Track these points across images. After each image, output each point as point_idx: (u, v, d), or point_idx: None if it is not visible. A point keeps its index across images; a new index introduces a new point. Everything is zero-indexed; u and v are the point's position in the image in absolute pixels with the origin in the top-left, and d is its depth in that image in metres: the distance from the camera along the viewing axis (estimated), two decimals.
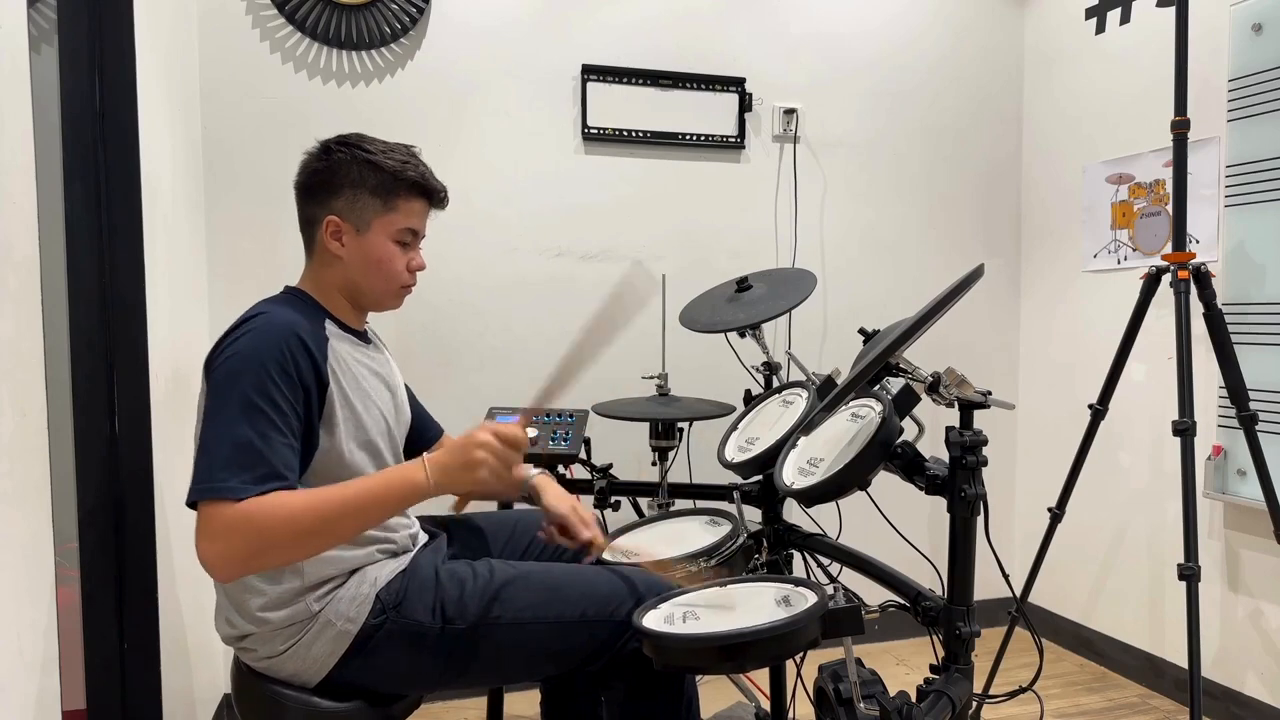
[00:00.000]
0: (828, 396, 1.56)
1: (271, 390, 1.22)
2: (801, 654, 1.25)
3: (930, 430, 1.41)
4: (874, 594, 1.38)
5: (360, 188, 1.41)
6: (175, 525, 1.91)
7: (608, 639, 1.39)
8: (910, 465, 1.34)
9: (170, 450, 1.88)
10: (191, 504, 1.18)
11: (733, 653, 1.16)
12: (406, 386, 1.66)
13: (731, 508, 1.85)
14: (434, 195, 1.48)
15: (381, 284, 1.46)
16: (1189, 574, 1.90)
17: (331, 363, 1.34)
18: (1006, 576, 1.64)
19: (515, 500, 1.61)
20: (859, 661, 1.26)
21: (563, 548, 1.70)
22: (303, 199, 1.45)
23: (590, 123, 2.72)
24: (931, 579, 1.47)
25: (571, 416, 2.07)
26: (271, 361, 1.24)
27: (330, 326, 1.40)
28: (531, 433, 1.97)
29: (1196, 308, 2.02)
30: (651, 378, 2.15)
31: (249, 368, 1.23)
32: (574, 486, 2.06)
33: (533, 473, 1.67)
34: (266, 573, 1.30)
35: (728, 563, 1.59)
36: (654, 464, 2.05)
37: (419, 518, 1.60)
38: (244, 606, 1.32)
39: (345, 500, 1.23)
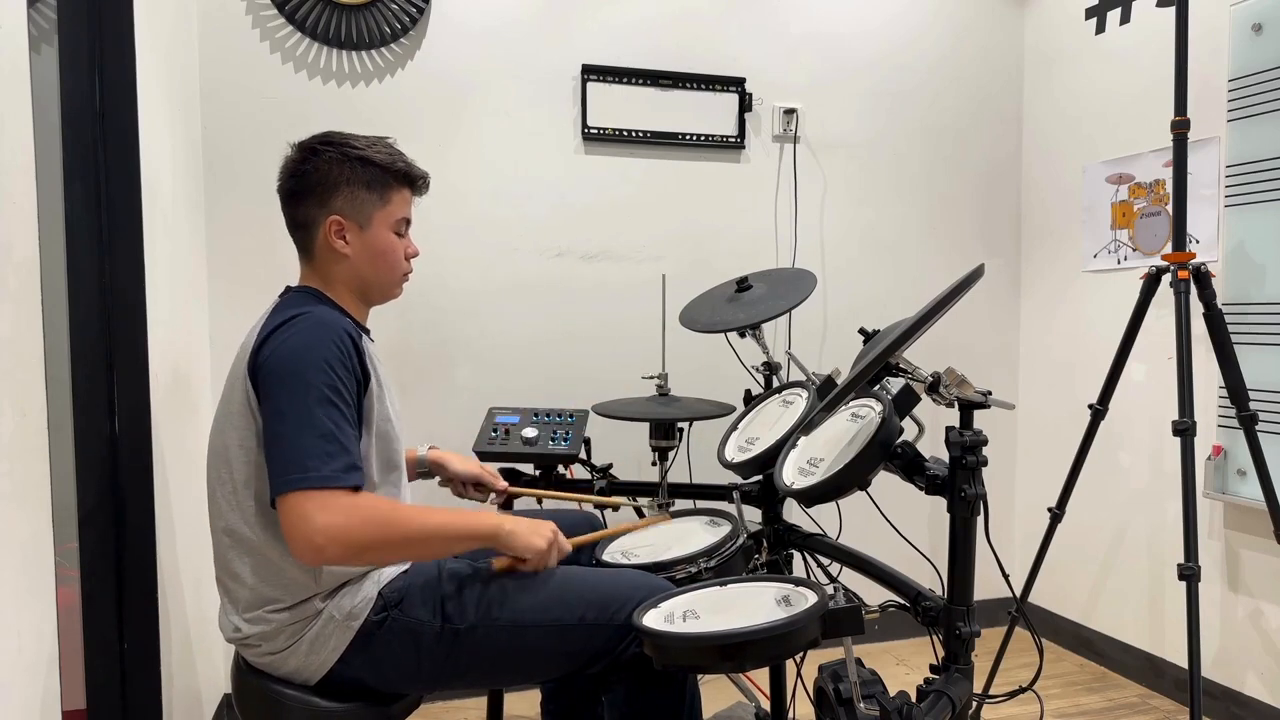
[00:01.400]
0: (828, 396, 1.56)
1: (337, 384, 1.26)
2: (801, 654, 1.25)
3: (930, 430, 1.41)
4: (874, 594, 1.38)
5: (355, 184, 1.42)
6: (175, 525, 1.91)
7: (607, 643, 1.38)
8: (910, 465, 1.34)
9: (170, 450, 1.88)
10: (286, 490, 1.20)
11: (733, 652, 1.16)
12: None
13: (731, 508, 1.85)
14: (417, 183, 1.51)
15: (388, 275, 1.49)
16: (1189, 574, 1.90)
17: (368, 359, 1.37)
18: (1006, 576, 1.64)
19: (412, 478, 1.77)
20: (859, 661, 1.26)
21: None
22: (294, 202, 1.44)
23: (590, 123, 2.72)
24: (931, 579, 1.47)
25: (572, 416, 2.07)
26: (333, 356, 1.27)
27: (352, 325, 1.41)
28: (531, 432, 1.97)
29: (1196, 308, 2.02)
30: (651, 378, 2.15)
31: (313, 362, 1.26)
32: (574, 487, 2.06)
33: (423, 450, 1.79)
34: (284, 583, 1.31)
35: (727, 562, 1.59)
36: (654, 464, 2.05)
37: None
38: (253, 609, 1.32)
39: (441, 524, 1.33)
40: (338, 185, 1.41)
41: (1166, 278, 2.07)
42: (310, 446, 1.21)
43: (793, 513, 2.09)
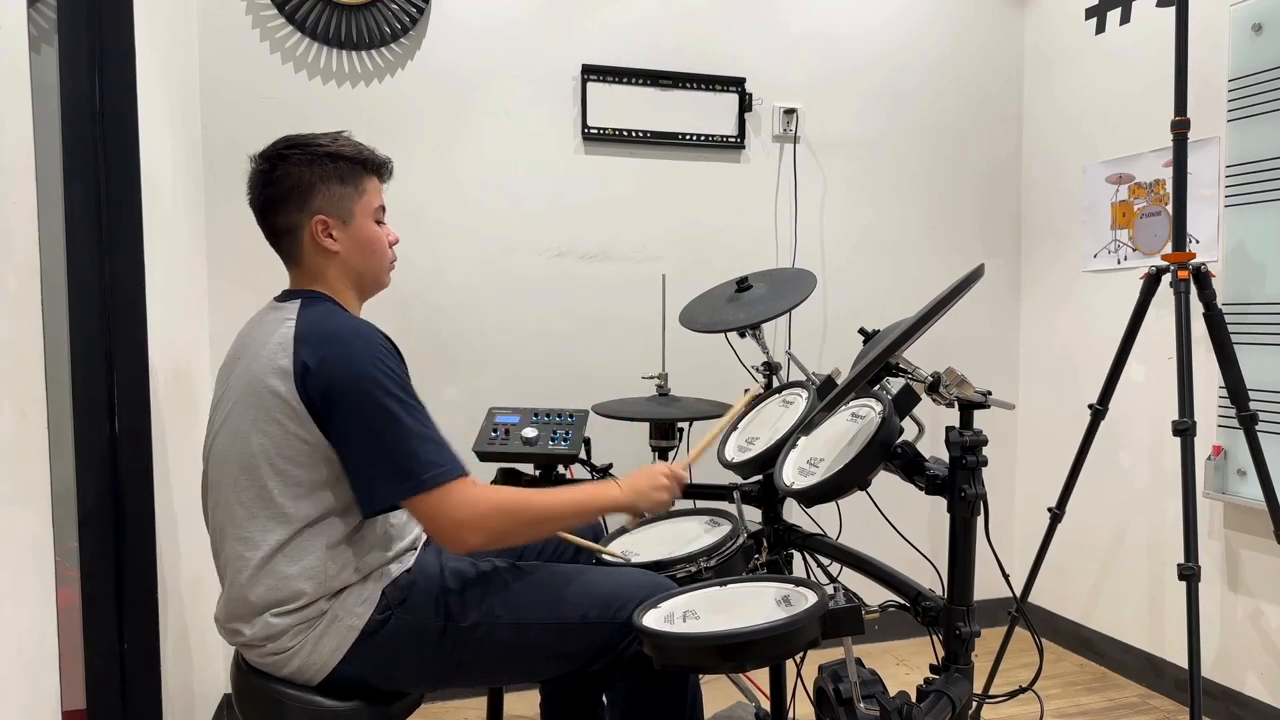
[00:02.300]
0: (828, 396, 1.56)
1: (408, 386, 1.33)
2: (801, 654, 1.25)
3: (930, 430, 1.41)
4: (874, 594, 1.38)
5: (330, 181, 1.42)
6: (175, 525, 1.91)
7: (609, 641, 1.39)
8: (910, 465, 1.34)
9: (170, 450, 1.88)
10: (411, 494, 1.28)
11: (733, 652, 1.16)
12: None
13: (731, 508, 1.85)
14: (384, 170, 1.52)
15: (378, 264, 1.51)
16: (1189, 574, 1.90)
17: None
18: (1006, 576, 1.64)
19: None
20: (859, 661, 1.26)
21: (564, 549, 1.71)
22: (272, 211, 1.43)
23: (590, 123, 2.72)
24: (931, 579, 1.47)
25: (572, 416, 2.07)
26: (394, 362, 1.34)
27: None
28: (531, 432, 1.97)
29: (1196, 308, 2.02)
30: (651, 378, 2.15)
31: (383, 372, 1.30)
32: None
33: None
34: (291, 583, 1.31)
35: (727, 562, 1.59)
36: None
37: None
38: (259, 613, 1.32)
39: (564, 501, 1.43)
40: (313, 185, 1.41)
41: (1166, 278, 2.07)
42: (419, 450, 1.28)
43: (793, 513, 2.09)
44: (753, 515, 1.86)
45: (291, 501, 1.31)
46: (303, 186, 1.41)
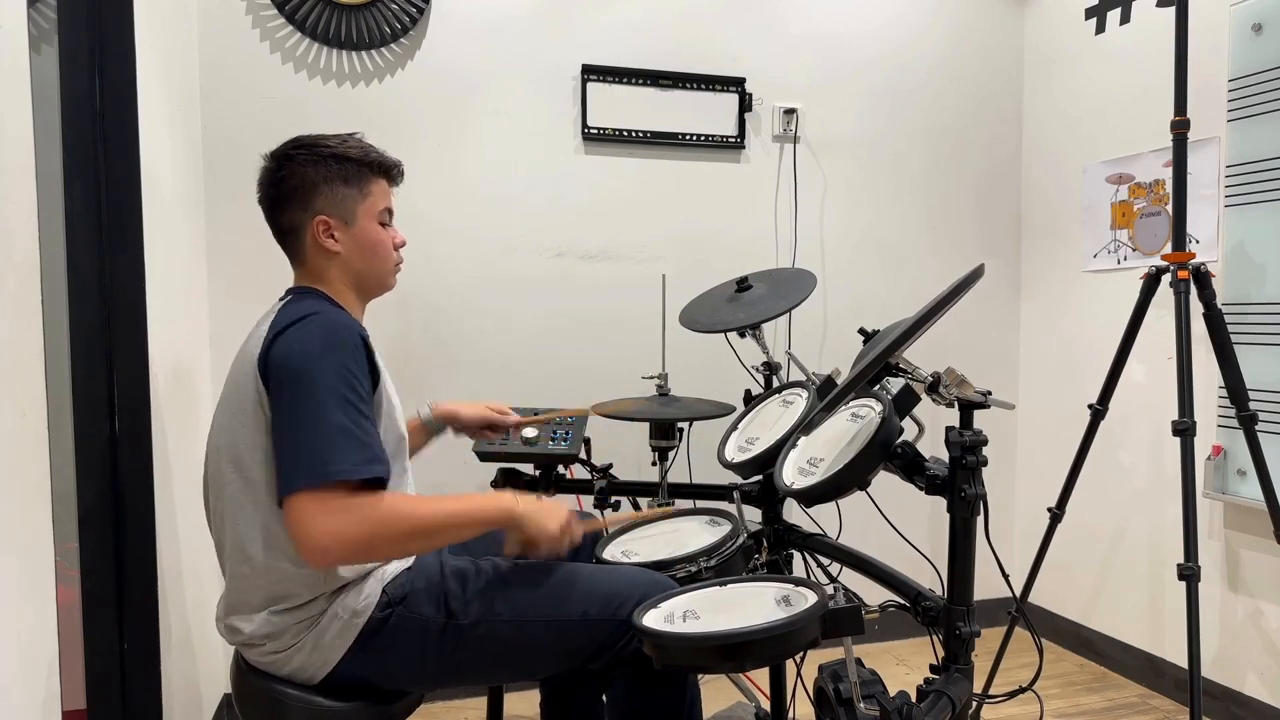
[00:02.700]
0: (828, 396, 1.56)
1: (353, 382, 1.26)
2: (801, 654, 1.25)
3: (930, 430, 1.41)
4: (874, 594, 1.38)
5: (334, 181, 1.43)
6: (176, 525, 1.91)
7: (609, 638, 1.39)
8: (910, 465, 1.34)
9: (170, 450, 1.88)
10: (292, 491, 1.19)
11: (733, 652, 1.16)
12: None
13: (731, 508, 1.85)
14: (392, 172, 1.52)
15: (380, 266, 1.50)
16: (1189, 574, 1.90)
17: (377, 357, 1.37)
18: (1006, 576, 1.64)
19: (428, 443, 1.86)
20: (859, 661, 1.26)
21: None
22: (277, 210, 1.44)
23: (590, 122, 2.72)
24: (931, 579, 1.47)
25: (571, 418, 2.07)
26: (347, 355, 1.28)
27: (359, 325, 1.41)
28: (531, 432, 1.97)
29: (1196, 308, 2.02)
30: (651, 378, 2.15)
31: (329, 361, 1.25)
32: (574, 487, 2.06)
33: (425, 412, 1.83)
34: (290, 581, 1.31)
35: (727, 562, 1.59)
36: (654, 464, 2.05)
37: None
38: (258, 611, 1.32)
39: (449, 513, 1.32)
40: (316, 185, 1.42)
41: (1166, 278, 2.07)
42: (324, 444, 1.20)
43: (793, 513, 2.09)
44: (753, 515, 1.87)
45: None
46: (306, 186, 1.42)
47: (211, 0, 2.41)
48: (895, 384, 1.40)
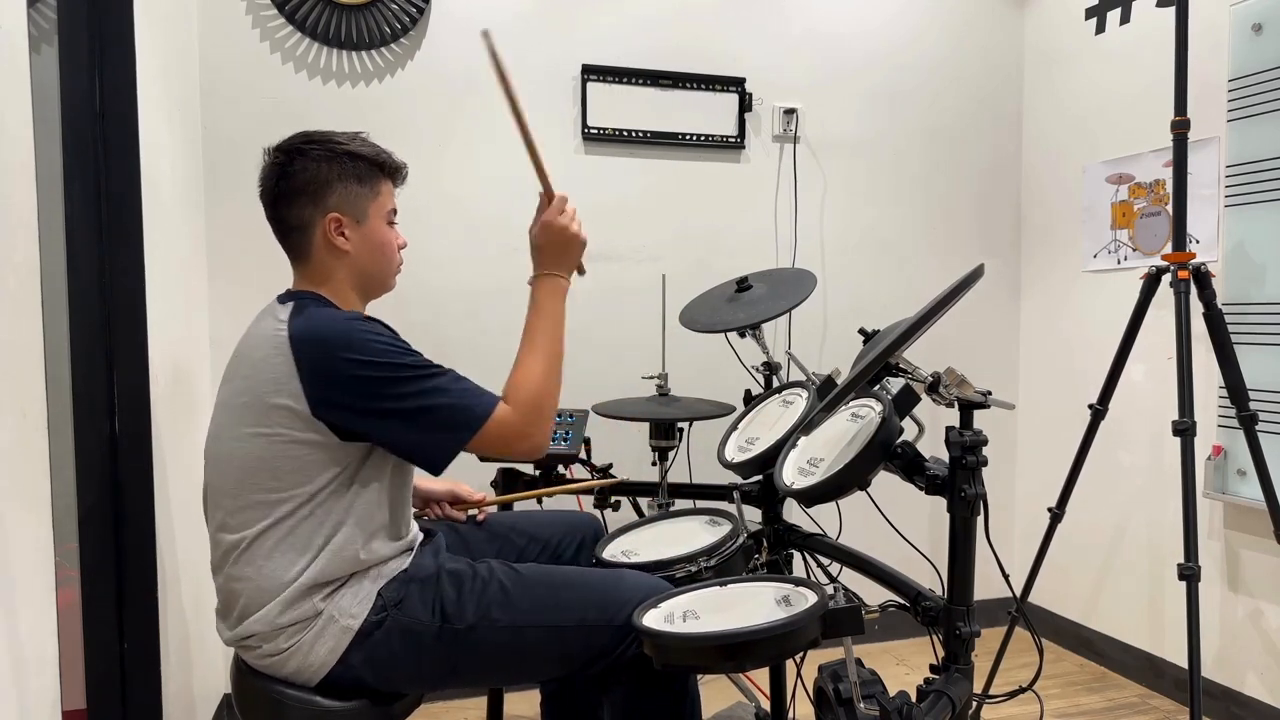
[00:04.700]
0: (828, 396, 1.56)
1: (406, 348, 1.35)
2: (801, 654, 1.25)
3: (930, 430, 1.41)
4: (874, 594, 1.38)
5: (348, 179, 1.41)
6: (175, 525, 1.91)
7: (607, 644, 1.38)
8: (910, 465, 1.34)
9: (170, 450, 1.88)
10: (470, 436, 1.34)
11: (733, 652, 1.16)
12: None
13: (731, 508, 1.85)
14: (399, 173, 1.52)
15: (386, 266, 1.50)
16: (1189, 574, 1.90)
17: None
18: (1006, 576, 1.64)
19: None
20: (859, 661, 1.26)
21: (561, 551, 1.72)
22: (285, 205, 1.41)
23: (590, 123, 2.72)
24: (931, 579, 1.47)
25: (572, 416, 2.07)
26: (386, 339, 1.33)
27: None
28: None
29: (1196, 308, 2.02)
30: (651, 378, 2.15)
31: (382, 351, 1.30)
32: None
33: None
34: (287, 583, 1.31)
35: (727, 562, 1.59)
36: (654, 464, 2.05)
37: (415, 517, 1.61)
38: (254, 611, 1.32)
39: (547, 333, 1.52)
40: (330, 182, 1.40)
41: (1166, 278, 2.07)
42: (452, 398, 1.34)
43: (793, 513, 2.09)
44: (753, 515, 1.87)
45: (286, 503, 1.30)
46: (319, 182, 1.40)
47: (211, 0, 2.41)
48: (895, 384, 1.40)
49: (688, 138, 2.81)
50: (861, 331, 1.65)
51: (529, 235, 1.61)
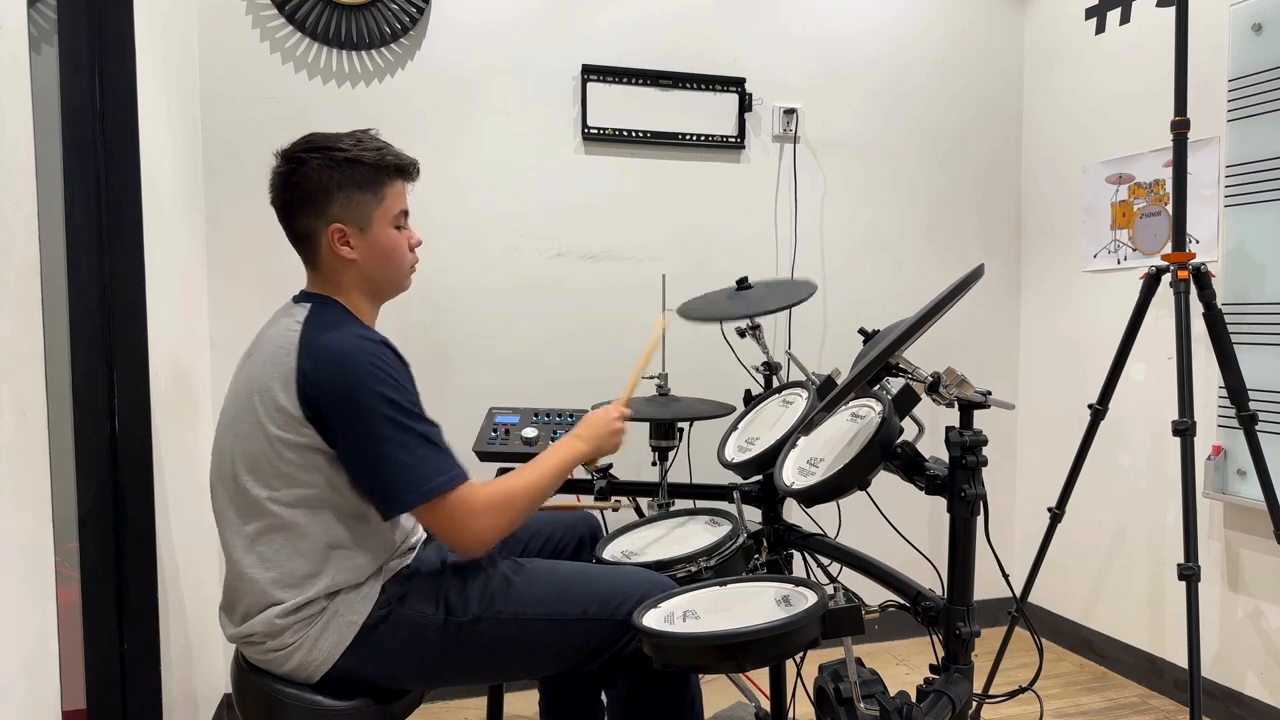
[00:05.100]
0: (828, 396, 1.56)
1: (410, 394, 1.33)
2: (801, 654, 1.25)
3: (930, 430, 1.41)
4: (874, 594, 1.38)
5: (349, 188, 1.39)
6: (175, 525, 1.91)
7: (609, 637, 1.39)
8: (910, 465, 1.34)
9: (170, 450, 1.88)
10: (423, 499, 1.29)
11: (733, 652, 1.16)
12: None
13: (731, 508, 1.85)
14: (408, 171, 1.48)
15: (396, 271, 1.49)
16: (1189, 574, 1.90)
17: None
18: (1006, 576, 1.64)
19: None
20: (859, 661, 1.26)
21: (564, 545, 1.72)
22: (291, 214, 1.41)
23: (590, 123, 2.72)
24: (931, 579, 1.47)
25: (571, 416, 2.07)
26: (394, 371, 1.32)
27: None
28: (531, 432, 1.97)
29: (1196, 308, 2.02)
30: (651, 378, 2.15)
31: (383, 383, 1.29)
32: (574, 486, 2.06)
33: None
34: (293, 582, 1.31)
35: (727, 562, 1.59)
36: (654, 464, 2.05)
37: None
38: (260, 609, 1.32)
39: (543, 475, 1.45)
40: (330, 192, 1.38)
41: (1166, 278, 2.07)
42: (429, 455, 1.30)
43: (793, 513, 2.09)
44: (753, 515, 1.87)
45: (290, 502, 1.31)
46: (319, 193, 1.38)
47: (211, 0, 2.41)
48: (895, 384, 1.40)
49: (687, 138, 2.81)
50: (861, 331, 1.65)
51: (590, 408, 1.73)
